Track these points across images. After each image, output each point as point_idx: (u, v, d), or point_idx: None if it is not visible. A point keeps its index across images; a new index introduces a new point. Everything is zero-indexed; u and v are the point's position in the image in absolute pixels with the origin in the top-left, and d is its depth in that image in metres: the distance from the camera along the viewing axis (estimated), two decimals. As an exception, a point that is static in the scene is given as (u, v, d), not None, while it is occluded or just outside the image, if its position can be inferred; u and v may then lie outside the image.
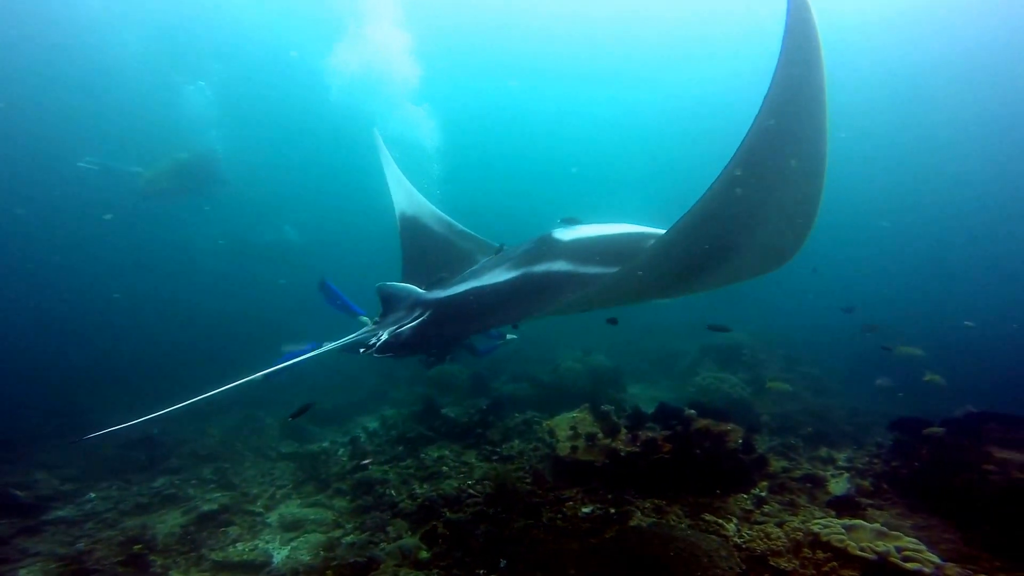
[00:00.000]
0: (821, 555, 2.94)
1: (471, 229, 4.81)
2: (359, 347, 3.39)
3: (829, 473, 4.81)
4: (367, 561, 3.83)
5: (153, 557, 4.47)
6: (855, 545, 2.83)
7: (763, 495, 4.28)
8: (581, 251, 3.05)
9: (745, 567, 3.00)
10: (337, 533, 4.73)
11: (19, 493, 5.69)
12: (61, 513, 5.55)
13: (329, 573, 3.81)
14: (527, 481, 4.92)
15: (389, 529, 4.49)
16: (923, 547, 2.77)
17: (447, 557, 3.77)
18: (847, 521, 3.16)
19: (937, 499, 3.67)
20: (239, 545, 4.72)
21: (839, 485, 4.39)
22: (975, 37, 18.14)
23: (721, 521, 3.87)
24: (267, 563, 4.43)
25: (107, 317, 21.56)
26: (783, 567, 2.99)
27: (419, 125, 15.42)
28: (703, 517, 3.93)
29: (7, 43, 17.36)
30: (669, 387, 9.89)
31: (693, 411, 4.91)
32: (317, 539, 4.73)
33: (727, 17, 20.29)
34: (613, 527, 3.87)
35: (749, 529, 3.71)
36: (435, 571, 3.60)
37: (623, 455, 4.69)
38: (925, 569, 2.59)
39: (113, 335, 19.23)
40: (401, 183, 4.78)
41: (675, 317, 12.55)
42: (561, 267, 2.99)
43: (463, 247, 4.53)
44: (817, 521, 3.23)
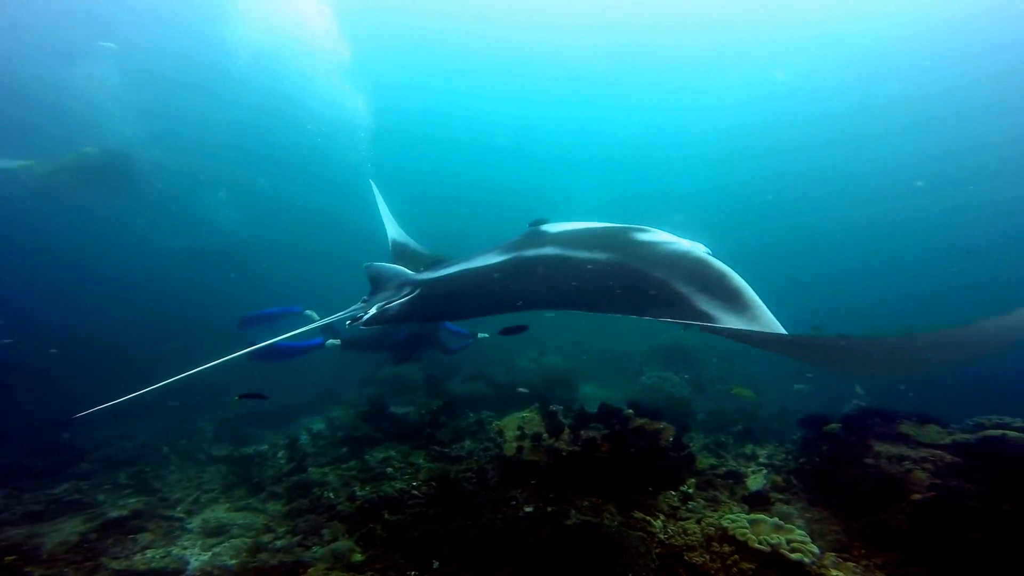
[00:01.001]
0: (727, 549, 3.27)
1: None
2: (346, 320, 3.50)
3: (750, 469, 5.25)
4: (294, 563, 3.79)
5: (31, 568, 4.04)
6: (755, 539, 3.18)
7: (690, 492, 4.62)
8: (568, 239, 3.22)
9: (661, 563, 3.30)
10: (267, 538, 4.61)
11: None
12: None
13: (250, 577, 3.73)
14: (471, 481, 5.12)
15: (324, 532, 4.47)
16: (808, 539, 3.15)
17: (382, 559, 3.84)
18: (753, 516, 3.52)
19: (830, 492, 4.13)
20: (149, 552, 4.48)
21: (757, 481, 4.82)
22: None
23: (649, 518, 4.16)
24: (181, 570, 4.22)
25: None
26: (695, 561, 3.30)
27: (348, 104, 14.98)
28: (633, 515, 4.22)
29: None
30: (620, 386, 10.29)
31: (631, 411, 5.23)
32: (243, 544, 4.57)
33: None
34: (549, 526, 4.11)
35: (673, 525, 4.00)
36: (368, 573, 3.69)
37: (565, 455, 4.94)
38: (805, 559, 2.97)
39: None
40: (391, 220, 5.69)
41: (625, 317, 13.05)
42: (551, 251, 3.13)
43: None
44: (728, 516, 3.57)
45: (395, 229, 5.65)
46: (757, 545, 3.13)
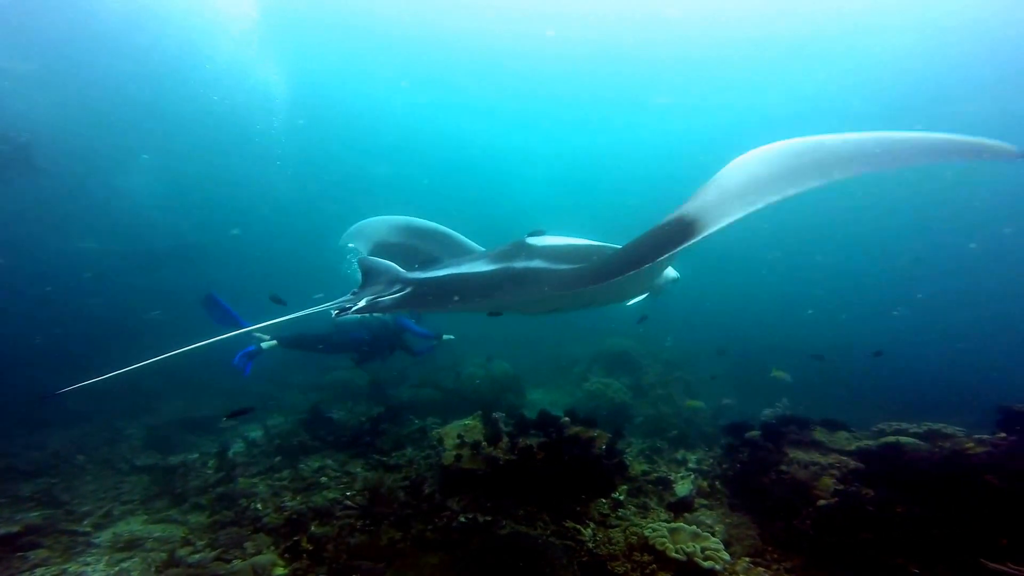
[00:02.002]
0: (647, 558, 3.29)
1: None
2: (333, 310, 3.55)
3: (680, 475, 5.36)
4: (207, 581, 3.59)
5: None
6: (672, 547, 3.21)
7: (621, 498, 4.65)
8: (554, 254, 3.42)
9: (583, 573, 3.29)
10: (184, 551, 4.25)
11: None
12: None
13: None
14: (406, 491, 4.94)
15: (247, 545, 4.21)
16: (721, 547, 3.22)
17: (305, 574, 3.67)
18: (674, 525, 3.57)
19: (749, 497, 4.27)
20: (39, 571, 4.03)
21: (684, 487, 4.91)
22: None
23: (580, 527, 4.14)
24: (74, 589, 3.81)
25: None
26: (617, 571, 3.28)
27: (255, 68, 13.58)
28: (565, 524, 4.19)
29: None
30: (566, 391, 10.35)
31: (567, 419, 5.22)
32: (156, 558, 4.22)
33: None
34: (480, 537, 4.02)
35: (602, 533, 4.00)
36: (287, 591, 3.50)
37: (502, 463, 4.87)
38: (716, 567, 3.04)
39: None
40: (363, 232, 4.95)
41: (574, 323, 13.22)
42: (538, 264, 3.35)
43: (426, 248, 4.75)
44: (650, 526, 3.60)
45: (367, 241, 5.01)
46: (674, 554, 3.15)
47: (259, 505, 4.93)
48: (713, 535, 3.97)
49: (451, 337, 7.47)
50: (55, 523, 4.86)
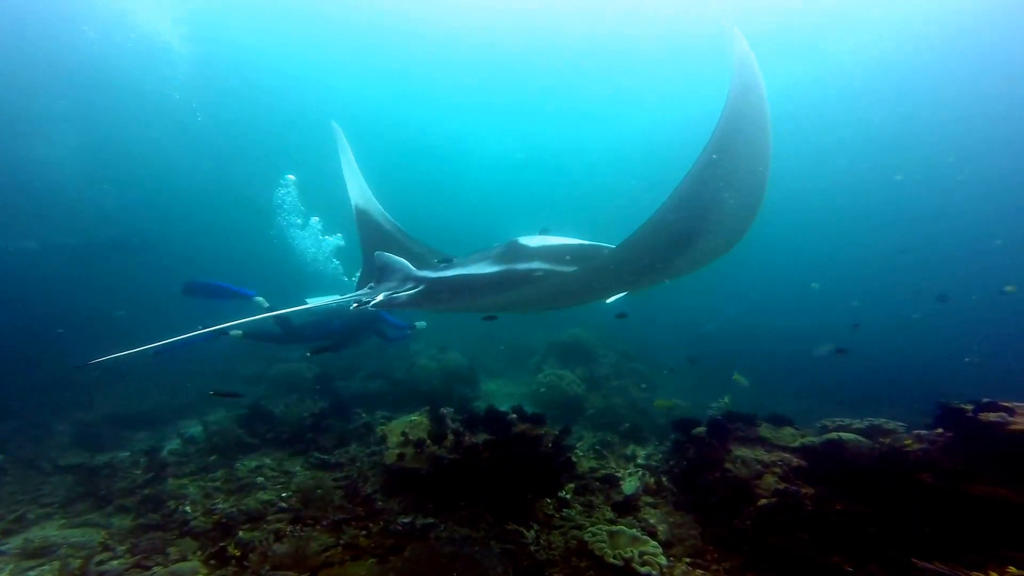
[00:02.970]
0: (584, 564, 3.11)
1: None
2: (352, 302, 3.66)
3: (627, 471, 5.22)
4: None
5: None
6: (610, 553, 3.04)
7: (568, 497, 4.45)
8: (554, 254, 3.51)
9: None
10: (102, 557, 3.88)
11: None
12: None
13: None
14: (343, 492, 4.62)
15: (171, 550, 3.85)
16: (659, 551, 3.07)
17: (225, 586, 3.33)
18: (614, 528, 3.40)
19: (694, 495, 4.16)
20: None
21: (631, 484, 4.77)
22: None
23: (523, 528, 3.92)
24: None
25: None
26: (553, 579, 3.12)
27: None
28: (507, 526, 3.98)
29: None
30: (522, 382, 10.14)
31: (514, 416, 4.99)
32: (68, 565, 3.79)
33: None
34: (415, 544, 3.75)
35: (545, 535, 3.81)
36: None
37: (446, 463, 4.61)
38: (653, 572, 2.89)
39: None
40: (356, 178, 4.86)
41: (533, 312, 12.94)
42: (539, 265, 3.44)
43: (415, 251, 4.68)
44: (590, 530, 3.42)
45: (359, 193, 4.85)
46: (612, 560, 2.98)
47: (188, 508, 4.55)
48: (656, 535, 3.85)
49: (423, 324, 7.43)
50: (-46, 529, 4.32)
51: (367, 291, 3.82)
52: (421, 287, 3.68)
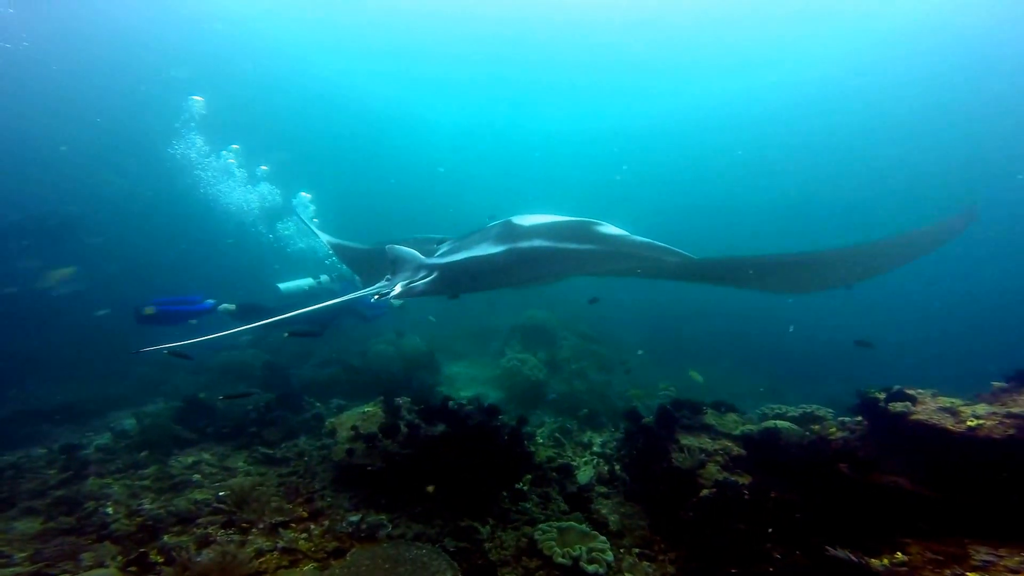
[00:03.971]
0: (535, 563, 3.04)
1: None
2: (374, 295, 3.79)
3: (583, 459, 5.24)
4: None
5: None
6: (559, 552, 2.98)
7: (525, 489, 4.37)
8: (550, 232, 3.72)
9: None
10: None
11: None
12: None
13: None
14: (286, 490, 4.34)
15: (85, 556, 3.49)
16: (607, 546, 3.04)
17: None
18: (565, 523, 3.35)
19: (644, 485, 4.21)
20: None
21: (586, 473, 4.78)
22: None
23: (478, 524, 3.80)
24: None
25: None
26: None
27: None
28: (461, 523, 3.87)
29: None
30: (486, 365, 10.04)
31: (471, 407, 4.85)
32: None
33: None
34: (359, 544, 3.58)
35: (501, 531, 3.73)
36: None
37: (399, 458, 4.43)
38: (600, 570, 2.86)
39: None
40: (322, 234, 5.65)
41: (495, 294, 12.77)
42: (541, 243, 3.63)
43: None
44: (541, 527, 3.35)
45: (328, 238, 5.63)
46: (560, 559, 2.92)
47: (110, 509, 4.15)
48: (607, 526, 3.85)
49: (400, 302, 7.14)
50: None
51: (384, 283, 3.93)
52: (435, 274, 3.80)
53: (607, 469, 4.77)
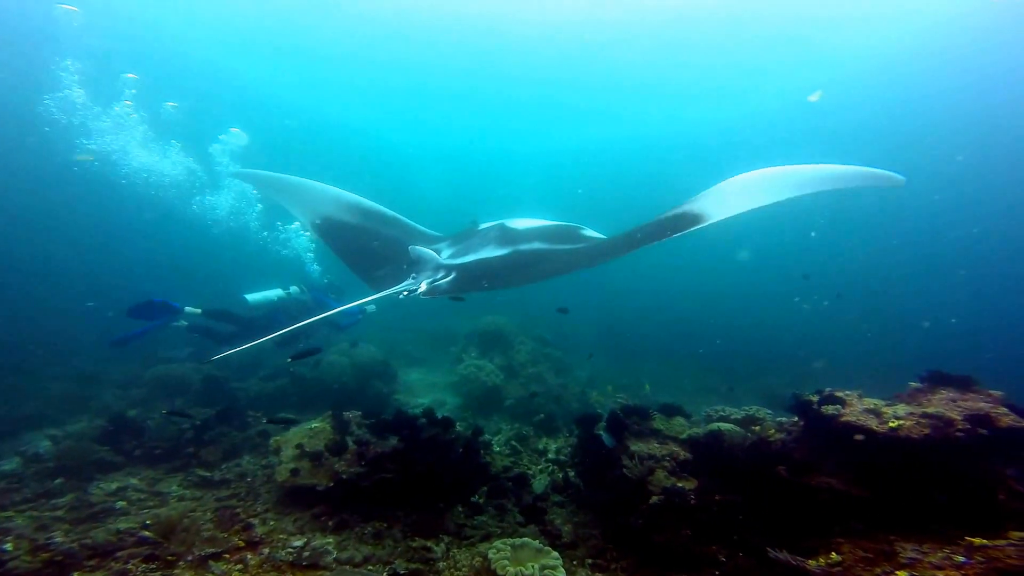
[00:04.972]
0: (489, 585, 2.92)
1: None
2: (400, 293, 3.90)
3: (539, 467, 5.15)
4: None
5: None
6: (512, 571, 2.87)
7: (481, 502, 4.22)
8: (545, 235, 4.02)
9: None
10: None
11: None
12: None
13: None
14: (220, 515, 3.97)
15: None
16: (559, 562, 2.95)
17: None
18: (519, 540, 3.23)
19: (596, 492, 4.16)
20: None
21: (541, 482, 4.69)
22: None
23: (431, 543, 3.62)
24: None
25: None
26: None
27: None
28: (412, 543, 3.66)
29: None
30: (445, 370, 9.80)
31: (424, 419, 4.65)
32: None
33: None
34: (300, 572, 3.30)
35: (456, 549, 3.57)
36: None
37: (346, 477, 4.15)
38: (551, 586, 2.77)
39: None
40: (301, 194, 4.78)
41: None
42: (540, 246, 3.97)
43: (388, 234, 4.78)
44: (495, 544, 3.22)
45: (310, 206, 4.88)
46: (513, 580, 2.79)
47: (9, 545, 3.61)
48: (561, 537, 3.79)
49: (374, 309, 7.23)
50: None
51: (411, 281, 4.05)
52: (454, 274, 3.95)
53: (561, 477, 4.71)
